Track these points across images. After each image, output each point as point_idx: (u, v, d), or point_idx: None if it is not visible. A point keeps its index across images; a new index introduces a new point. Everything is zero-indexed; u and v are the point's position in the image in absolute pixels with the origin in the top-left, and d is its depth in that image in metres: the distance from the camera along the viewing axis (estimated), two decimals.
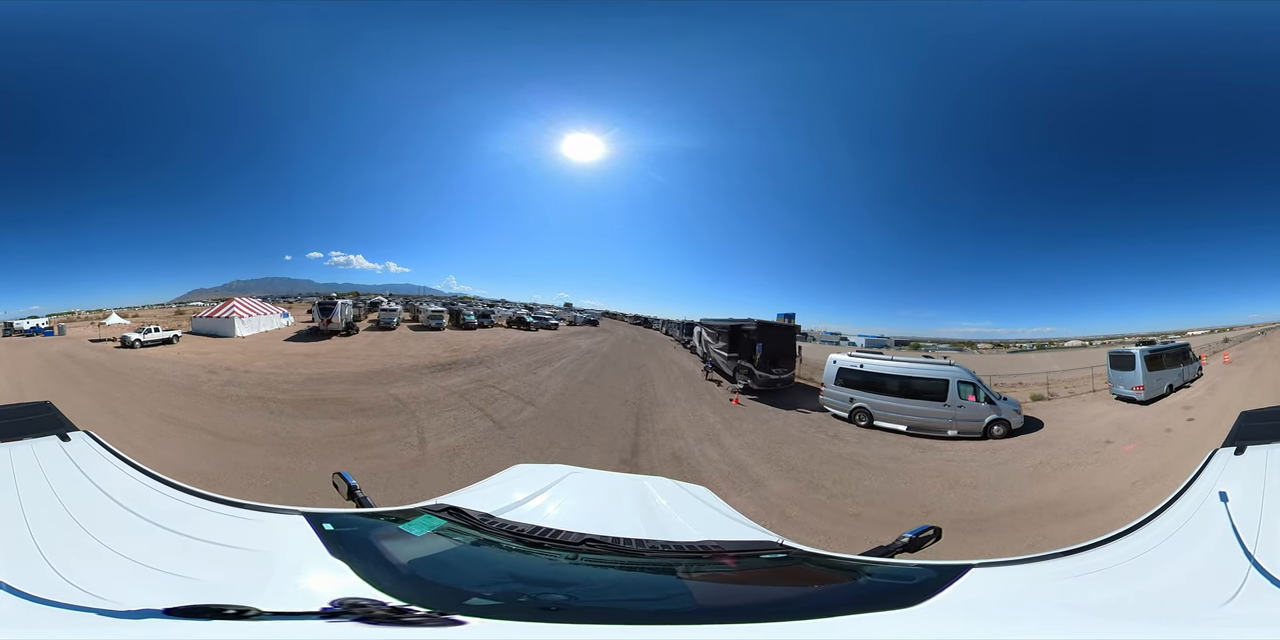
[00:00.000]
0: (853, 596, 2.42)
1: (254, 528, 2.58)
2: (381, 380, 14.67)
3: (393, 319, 21.29)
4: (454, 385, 15.37)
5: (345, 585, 2.01)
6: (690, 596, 2.24)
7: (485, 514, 2.87)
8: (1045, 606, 2.19)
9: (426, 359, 17.90)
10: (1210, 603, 2.00)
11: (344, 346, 18.26)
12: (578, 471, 4.43)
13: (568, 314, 27.30)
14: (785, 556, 2.64)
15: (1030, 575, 2.44)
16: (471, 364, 17.93)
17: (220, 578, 2.09)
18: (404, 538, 2.63)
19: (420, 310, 22.85)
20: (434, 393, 14.56)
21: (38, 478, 2.82)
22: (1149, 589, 2.24)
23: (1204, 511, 2.66)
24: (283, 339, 16.92)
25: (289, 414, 12.17)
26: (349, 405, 12.78)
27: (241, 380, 13.53)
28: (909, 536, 2.92)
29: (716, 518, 3.65)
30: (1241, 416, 3.73)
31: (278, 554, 2.34)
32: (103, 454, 3.25)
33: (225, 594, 1.80)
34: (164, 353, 14.15)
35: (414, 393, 14.15)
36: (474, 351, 19.51)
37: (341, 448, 10.91)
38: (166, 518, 2.56)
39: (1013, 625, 2.03)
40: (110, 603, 1.76)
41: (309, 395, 13.31)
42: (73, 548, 2.20)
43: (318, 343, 17.73)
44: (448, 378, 16.01)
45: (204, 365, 13.84)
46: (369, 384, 14.22)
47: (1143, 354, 13.54)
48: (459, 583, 2.26)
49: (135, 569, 2.10)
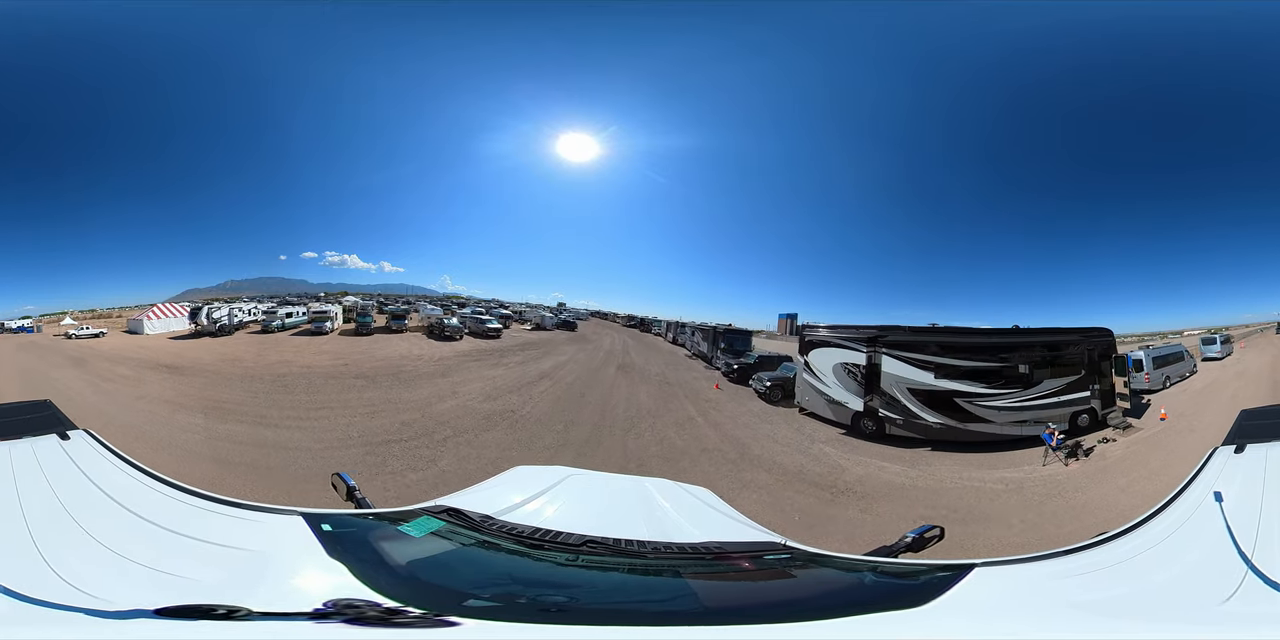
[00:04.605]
0: (859, 597, 2.41)
1: (252, 528, 2.57)
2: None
3: (324, 324, 20.21)
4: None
5: (341, 586, 2.00)
6: (696, 597, 2.22)
7: (485, 515, 2.84)
8: (1053, 605, 2.19)
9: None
10: (1212, 601, 2.00)
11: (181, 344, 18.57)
12: (578, 473, 4.40)
13: (533, 314, 22.61)
14: (789, 557, 2.63)
15: (1034, 574, 2.43)
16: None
17: (216, 578, 2.08)
18: (403, 539, 2.60)
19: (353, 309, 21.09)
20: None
21: (37, 476, 2.82)
22: (1152, 587, 2.25)
23: (1204, 510, 2.66)
24: (168, 338, 18.63)
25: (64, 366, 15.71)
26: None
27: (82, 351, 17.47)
28: (912, 536, 2.91)
29: (718, 519, 3.64)
30: (1242, 415, 3.74)
31: (275, 554, 2.33)
32: (102, 453, 3.24)
33: (220, 594, 1.79)
34: (82, 342, 18.39)
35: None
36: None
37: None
38: (165, 517, 2.55)
39: (1022, 624, 2.02)
40: (105, 602, 1.76)
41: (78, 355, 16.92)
42: (71, 547, 2.20)
43: (181, 341, 18.73)
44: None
45: (85, 346, 18.02)
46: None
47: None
48: (457, 584, 2.24)
49: (133, 568, 2.10)
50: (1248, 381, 12.58)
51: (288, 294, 22.09)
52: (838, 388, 12.81)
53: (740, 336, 19.20)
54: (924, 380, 11.58)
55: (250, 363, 16.34)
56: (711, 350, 19.33)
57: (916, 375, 11.63)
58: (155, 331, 18.73)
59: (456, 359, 17.83)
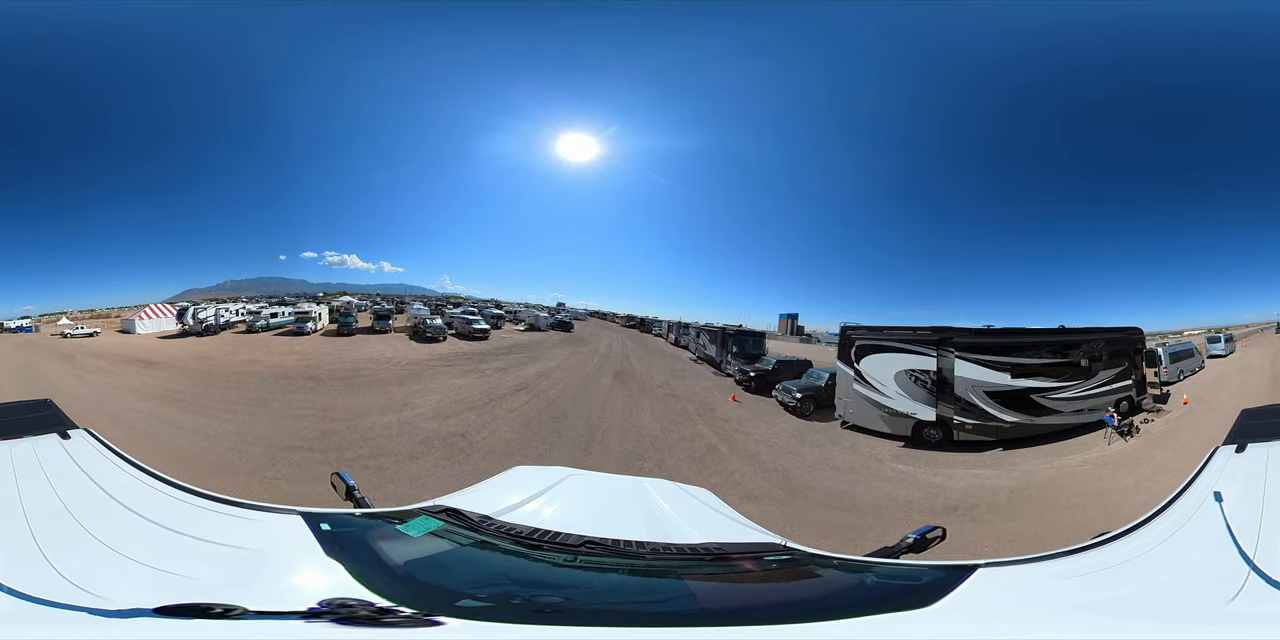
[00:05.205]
0: (862, 598, 2.39)
1: (251, 527, 2.57)
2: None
3: (305, 324, 20.18)
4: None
5: (337, 585, 1.99)
6: (694, 598, 2.21)
7: (484, 515, 2.83)
8: (1058, 606, 2.18)
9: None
10: (1217, 600, 2.00)
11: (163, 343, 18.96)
12: (577, 474, 4.39)
13: (527, 314, 21.79)
14: (789, 558, 2.61)
15: (1038, 574, 2.42)
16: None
17: (215, 577, 2.09)
18: (401, 539, 2.60)
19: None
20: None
21: (38, 476, 2.82)
22: (1156, 587, 2.24)
23: (1206, 509, 2.66)
24: (157, 337, 19.19)
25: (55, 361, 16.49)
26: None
27: (74, 348, 18.20)
28: (913, 537, 2.90)
29: (718, 520, 3.62)
30: (1242, 414, 3.73)
31: (273, 553, 2.33)
32: (102, 452, 3.24)
33: (218, 593, 1.79)
34: (76, 341, 19.14)
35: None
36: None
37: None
38: (166, 516, 2.56)
39: (1028, 625, 2.01)
40: (106, 601, 1.77)
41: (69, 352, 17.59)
42: (72, 546, 2.20)
43: (167, 340, 19.20)
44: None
45: (78, 344, 18.70)
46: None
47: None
48: (453, 584, 2.23)
49: (133, 567, 2.10)
50: (1252, 374, 13.71)
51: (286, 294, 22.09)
52: (902, 398, 11.97)
53: (753, 338, 18.29)
54: (1000, 381, 11.54)
55: (218, 360, 16.64)
56: (720, 354, 18.51)
57: (992, 377, 11.55)
58: (146, 331, 19.34)
59: (428, 363, 16.56)
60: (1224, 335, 16.55)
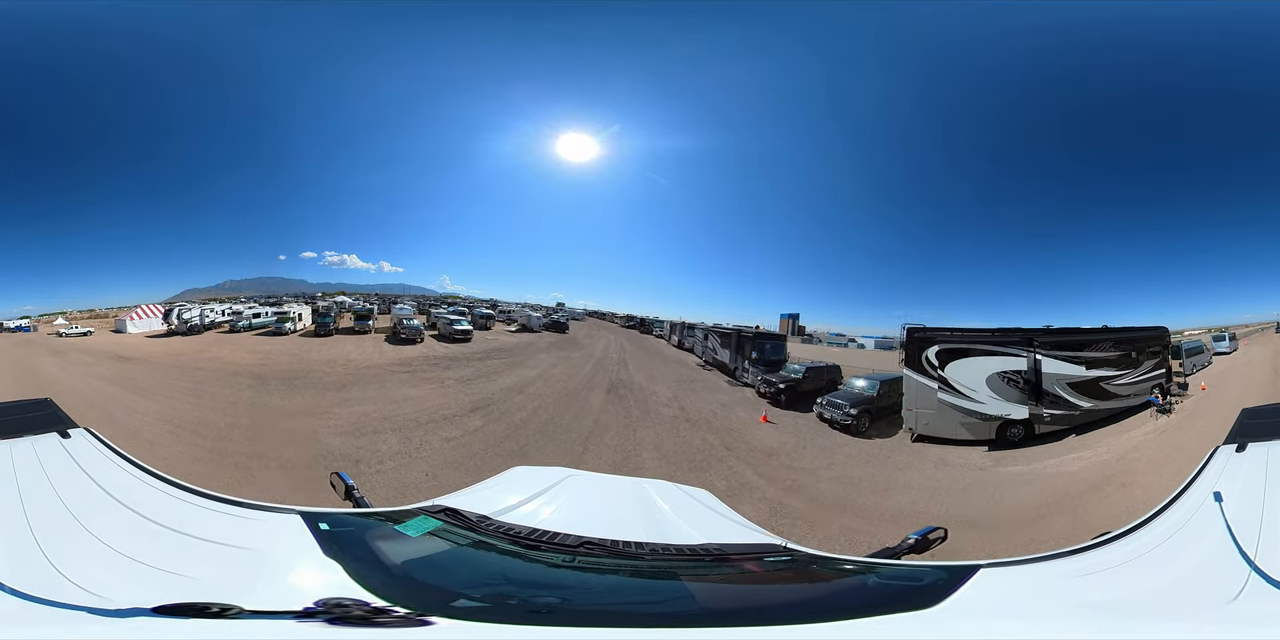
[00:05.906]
0: (863, 599, 2.38)
1: (251, 526, 2.57)
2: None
3: (284, 325, 20.10)
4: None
5: (334, 585, 1.99)
6: (693, 599, 2.19)
7: (482, 515, 2.82)
8: (1060, 606, 2.17)
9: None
10: (1220, 599, 1.99)
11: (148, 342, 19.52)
12: (577, 474, 4.38)
13: (519, 313, 20.93)
14: (789, 559, 2.60)
15: (1039, 574, 2.42)
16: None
17: (214, 576, 2.09)
18: (399, 538, 2.59)
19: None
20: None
21: (38, 475, 2.82)
22: (1159, 586, 2.23)
23: (1207, 509, 2.66)
24: (145, 336, 19.85)
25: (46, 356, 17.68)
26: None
27: (66, 346, 19.07)
28: (915, 537, 2.88)
29: (718, 521, 3.61)
30: (1243, 413, 3.73)
31: (272, 553, 2.33)
32: (102, 451, 3.24)
33: (216, 592, 1.79)
34: (69, 340, 19.95)
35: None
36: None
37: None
38: (166, 516, 2.55)
39: (1032, 625, 2.00)
40: (105, 600, 1.77)
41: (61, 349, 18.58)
42: (72, 545, 2.20)
43: (154, 339, 19.80)
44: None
45: (72, 342, 19.55)
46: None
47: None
48: (450, 584, 2.23)
49: (133, 567, 2.10)
50: (1255, 368, 15.66)
51: (285, 294, 22.06)
52: (995, 400, 12.25)
53: (773, 342, 16.52)
54: (1078, 373, 12.73)
55: (187, 356, 17.40)
56: (734, 360, 16.82)
57: (1071, 369, 12.65)
58: (137, 330, 19.94)
59: (388, 368, 15.40)
60: (1228, 334, 17.38)
